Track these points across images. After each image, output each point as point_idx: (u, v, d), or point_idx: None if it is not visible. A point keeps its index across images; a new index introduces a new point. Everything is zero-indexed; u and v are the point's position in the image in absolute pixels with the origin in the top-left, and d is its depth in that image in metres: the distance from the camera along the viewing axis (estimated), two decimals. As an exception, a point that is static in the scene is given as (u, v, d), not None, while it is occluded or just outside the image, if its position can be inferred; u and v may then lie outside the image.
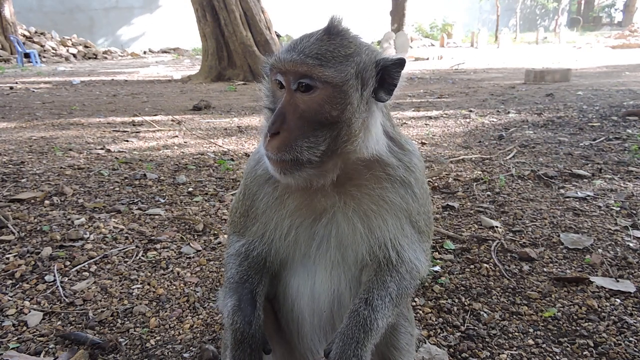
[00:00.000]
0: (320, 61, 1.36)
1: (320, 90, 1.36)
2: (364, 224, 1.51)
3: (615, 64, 17.50)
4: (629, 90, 10.18)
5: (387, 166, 1.52)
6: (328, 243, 1.54)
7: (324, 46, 1.39)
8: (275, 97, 1.47)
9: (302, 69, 1.35)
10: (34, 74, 17.53)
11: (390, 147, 1.55)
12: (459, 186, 4.42)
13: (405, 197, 1.54)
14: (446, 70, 17.51)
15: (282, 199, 1.55)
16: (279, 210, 1.55)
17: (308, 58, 1.36)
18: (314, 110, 1.37)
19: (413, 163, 1.58)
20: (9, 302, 2.55)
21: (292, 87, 1.38)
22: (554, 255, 3.06)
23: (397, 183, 1.53)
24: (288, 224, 1.54)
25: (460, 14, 43.87)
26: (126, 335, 2.35)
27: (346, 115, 1.38)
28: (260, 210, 1.59)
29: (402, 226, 1.54)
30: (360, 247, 1.52)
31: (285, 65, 1.38)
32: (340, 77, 1.36)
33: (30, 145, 6.09)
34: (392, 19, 31.59)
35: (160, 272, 2.96)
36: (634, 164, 4.85)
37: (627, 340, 2.23)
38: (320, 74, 1.35)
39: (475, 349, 2.23)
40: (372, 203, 1.51)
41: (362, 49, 1.44)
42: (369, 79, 1.41)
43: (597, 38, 34.10)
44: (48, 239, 3.28)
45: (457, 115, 8.09)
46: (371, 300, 1.47)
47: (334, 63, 1.37)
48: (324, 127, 1.37)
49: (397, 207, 1.53)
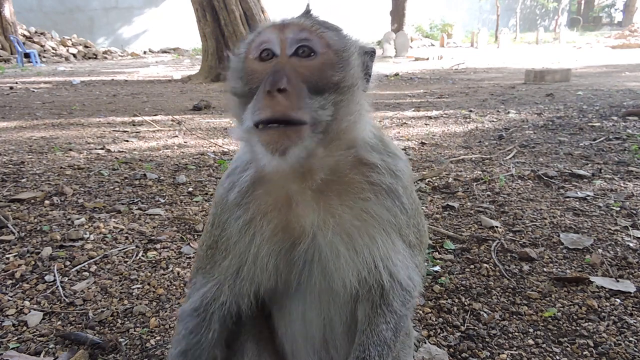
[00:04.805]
0: (320, 24, 1.30)
1: (321, 56, 1.25)
2: (348, 247, 1.36)
3: (615, 63, 17.50)
4: (629, 90, 10.18)
5: (372, 170, 1.38)
6: (311, 271, 1.41)
7: (314, 19, 1.34)
8: (254, 74, 1.28)
9: (308, 27, 1.27)
10: (34, 74, 17.52)
11: (376, 145, 1.42)
12: (459, 186, 4.42)
13: (392, 209, 1.39)
14: (446, 70, 17.51)
15: (255, 222, 1.37)
16: (253, 236, 1.38)
17: (308, 20, 1.30)
18: (315, 76, 1.24)
19: (399, 168, 1.44)
20: (9, 302, 2.55)
21: (288, 53, 1.25)
22: (554, 255, 3.06)
23: (382, 193, 1.38)
24: (266, 252, 1.37)
25: (460, 14, 43.89)
26: (126, 335, 2.35)
27: (348, 82, 1.27)
28: (232, 240, 1.40)
29: (392, 242, 1.40)
30: (346, 274, 1.38)
31: (289, 23, 1.28)
32: (342, 43, 1.30)
33: (30, 145, 6.09)
34: (392, 19, 31.61)
35: (160, 272, 2.95)
36: (634, 164, 4.85)
37: (627, 340, 2.23)
38: (324, 34, 1.27)
39: (475, 349, 2.23)
40: (355, 219, 1.36)
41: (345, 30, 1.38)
42: (358, 59, 1.34)
43: (597, 38, 34.12)
44: (48, 239, 3.28)
45: (457, 115, 8.09)
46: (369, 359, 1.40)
47: (333, 29, 1.32)
48: (325, 92, 1.24)
49: (385, 222, 1.38)
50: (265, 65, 1.26)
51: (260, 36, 1.30)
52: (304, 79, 1.22)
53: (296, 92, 1.17)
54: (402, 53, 25.91)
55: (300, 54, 1.25)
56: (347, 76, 1.27)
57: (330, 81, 1.24)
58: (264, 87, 1.17)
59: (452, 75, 15.65)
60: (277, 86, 1.14)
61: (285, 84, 1.15)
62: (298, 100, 1.16)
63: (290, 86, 1.16)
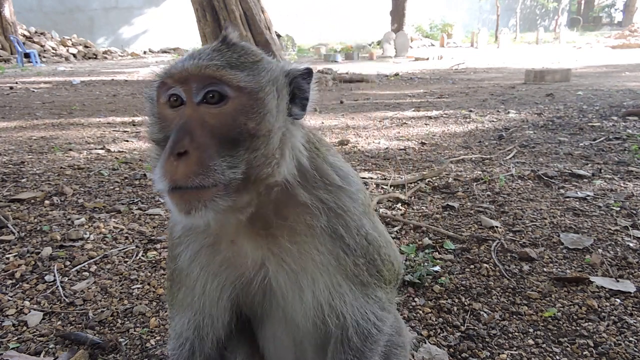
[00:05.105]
0: (230, 65, 1.16)
1: (232, 100, 1.13)
2: (294, 286, 1.32)
3: (615, 63, 17.51)
4: (629, 90, 10.19)
5: (307, 210, 1.28)
6: (271, 302, 1.39)
7: (227, 54, 1.19)
8: (166, 122, 1.19)
9: (210, 73, 1.12)
10: (34, 74, 17.52)
11: (311, 179, 1.30)
12: (459, 186, 4.42)
13: (334, 251, 1.30)
14: (446, 70, 17.51)
15: (200, 256, 1.34)
16: (200, 270, 1.34)
17: (215, 61, 1.15)
18: (227, 125, 1.12)
19: (341, 205, 1.31)
20: (9, 302, 2.55)
21: (195, 100, 1.14)
22: (554, 255, 3.06)
23: (322, 235, 1.29)
24: (216, 285, 1.35)
25: (460, 14, 43.90)
26: (126, 335, 2.35)
27: (265, 127, 1.15)
28: (184, 274, 1.38)
29: (338, 283, 1.33)
30: (298, 313, 1.37)
31: (189, 70, 1.13)
32: (255, 82, 1.16)
33: (30, 145, 6.09)
34: (392, 19, 31.64)
35: (160, 272, 2.95)
36: (634, 164, 4.85)
37: (627, 340, 2.23)
38: (233, 77, 1.13)
39: (475, 349, 2.23)
40: (296, 260, 1.29)
41: (267, 58, 1.27)
42: (282, 90, 1.22)
43: (597, 38, 34.12)
44: (48, 239, 3.28)
45: (457, 115, 8.09)
46: None
47: (244, 68, 1.17)
48: (237, 144, 1.13)
49: (327, 264, 1.31)
50: (175, 113, 1.17)
51: (167, 80, 1.18)
52: (212, 131, 1.11)
53: (200, 152, 1.08)
54: (402, 53, 25.93)
55: (209, 100, 1.13)
56: (263, 122, 1.16)
57: (244, 130, 1.13)
58: (167, 147, 1.09)
59: (452, 75, 15.65)
60: (177, 150, 1.06)
61: (187, 145, 1.07)
62: (202, 163, 1.07)
63: (192, 146, 1.07)
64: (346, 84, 13.76)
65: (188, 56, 1.20)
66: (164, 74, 1.20)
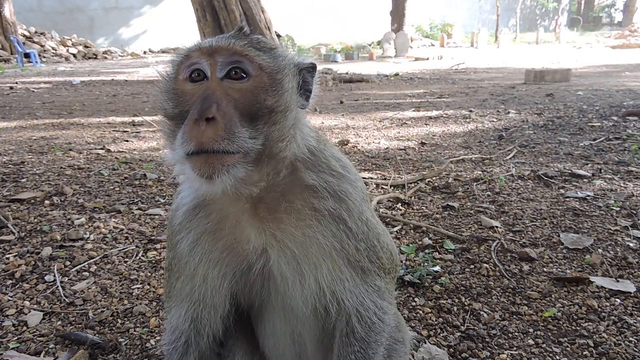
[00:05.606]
0: (254, 46, 1.26)
1: (253, 78, 1.22)
2: (295, 272, 1.34)
3: (615, 63, 17.51)
4: (629, 90, 10.19)
5: (314, 193, 1.33)
6: (269, 291, 1.40)
7: (247, 39, 1.29)
8: (185, 96, 1.25)
9: (238, 49, 1.22)
10: (34, 74, 17.52)
11: (317, 163, 1.36)
12: (459, 186, 4.42)
13: (337, 235, 1.34)
14: (446, 70, 17.51)
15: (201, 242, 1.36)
16: (201, 257, 1.36)
17: (240, 41, 1.25)
18: (248, 100, 1.20)
19: (343, 189, 1.36)
20: (9, 302, 2.55)
21: (219, 75, 1.21)
22: (554, 255, 3.06)
23: (326, 219, 1.33)
24: (216, 273, 1.36)
25: (460, 14, 43.89)
26: (126, 335, 2.35)
27: (282, 104, 1.24)
28: (183, 262, 1.39)
29: (340, 269, 1.36)
30: (298, 297, 1.37)
31: (219, 44, 1.23)
32: (275, 64, 1.26)
33: (30, 145, 6.09)
34: (392, 19, 31.65)
35: (160, 272, 2.95)
36: (634, 164, 4.85)
37: (627, 340, 2.23)
38: (256, 56, 1.23)
39: (475, 349, 2.23)
40: (299, 244, 1.32)
41: (282, 47, 1.37)
42: (293, 77, 1.31)
43: (597, 38, 34.13)
44: (48, 239, 3.28)
45: (457, 115, 8.09)
46: None
47: (265, 51, 1.28)
48: (257, 117, 1.21)
49: (330, 248, 1.33)
50: (196, 87, 1.23)
51: (190, 57, 1.25)
52: (235, 104, 1.18)
53: (226, 120, 1.14)
54: (402, 53, 25.93)
55: (233, 76, 1.21)
56: (281, 100, 1.24)
57: (263, 105, 1.21)
58: (193, 114, 1.14)
59: (452, 75, 15.66)
60: (206, 115, 1.11)
61: (214, 112, 1.12)
62: (227, 129, 1.13)
63: (219, 113, 1.13)
64: (346, 84, 13.76)
65: (212, 39, 1.28)
66: (189, 48, 1.27)
